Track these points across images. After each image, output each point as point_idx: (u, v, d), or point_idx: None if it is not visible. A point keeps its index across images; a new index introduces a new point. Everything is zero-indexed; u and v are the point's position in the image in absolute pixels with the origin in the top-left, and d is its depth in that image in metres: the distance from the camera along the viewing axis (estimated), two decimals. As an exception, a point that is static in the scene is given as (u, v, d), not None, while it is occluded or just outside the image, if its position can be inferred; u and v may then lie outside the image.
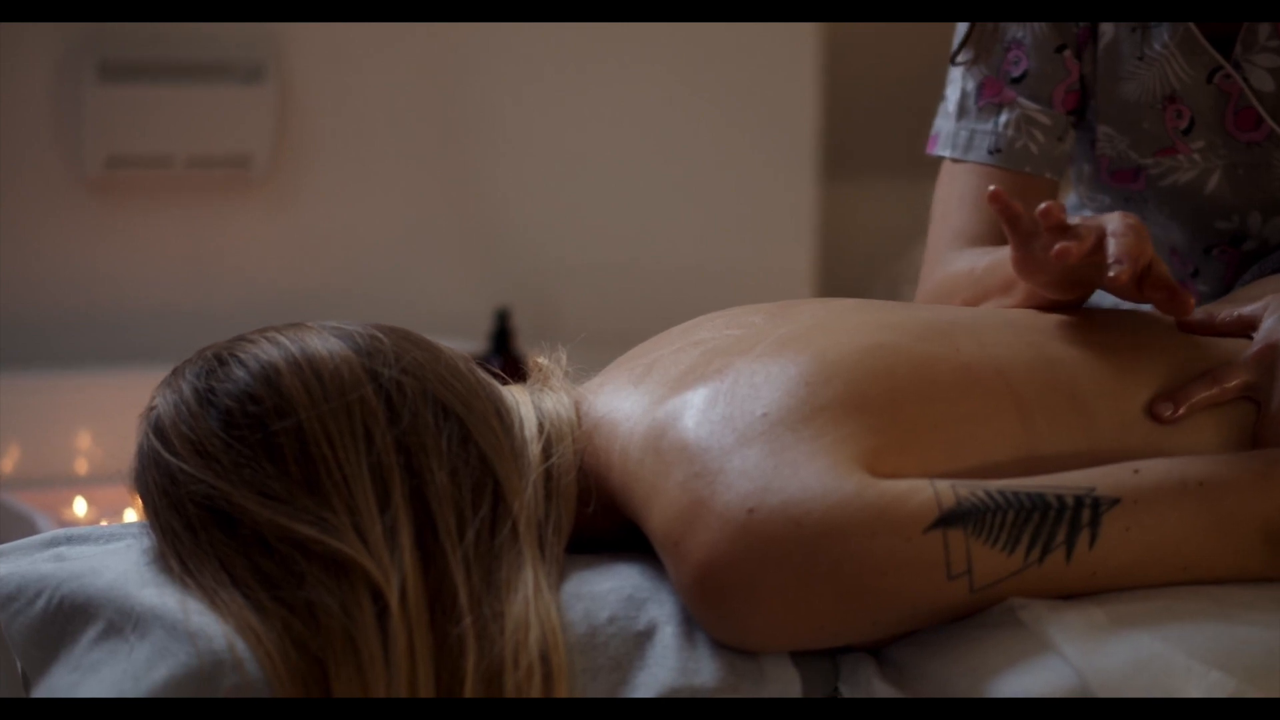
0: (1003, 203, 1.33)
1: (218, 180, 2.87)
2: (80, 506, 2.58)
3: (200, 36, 2.80)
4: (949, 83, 1.67)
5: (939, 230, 1.64)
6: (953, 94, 1.66)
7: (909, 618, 1.18)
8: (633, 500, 1.24)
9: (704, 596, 1.17)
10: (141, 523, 1.28)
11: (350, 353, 1.25)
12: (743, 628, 1.17)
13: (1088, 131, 1.67)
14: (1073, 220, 1.31)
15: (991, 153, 1.62)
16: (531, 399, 1.32)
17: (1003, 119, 1.63)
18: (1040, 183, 1.62)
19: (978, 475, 1.21)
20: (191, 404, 1.24)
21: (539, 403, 1.31)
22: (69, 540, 1.32)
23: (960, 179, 1.64)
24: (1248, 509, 1.22)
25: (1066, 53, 1.62)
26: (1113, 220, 1.31)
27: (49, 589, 1.23)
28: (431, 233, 3.01)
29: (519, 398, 1.31)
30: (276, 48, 2.85)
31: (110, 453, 2.69)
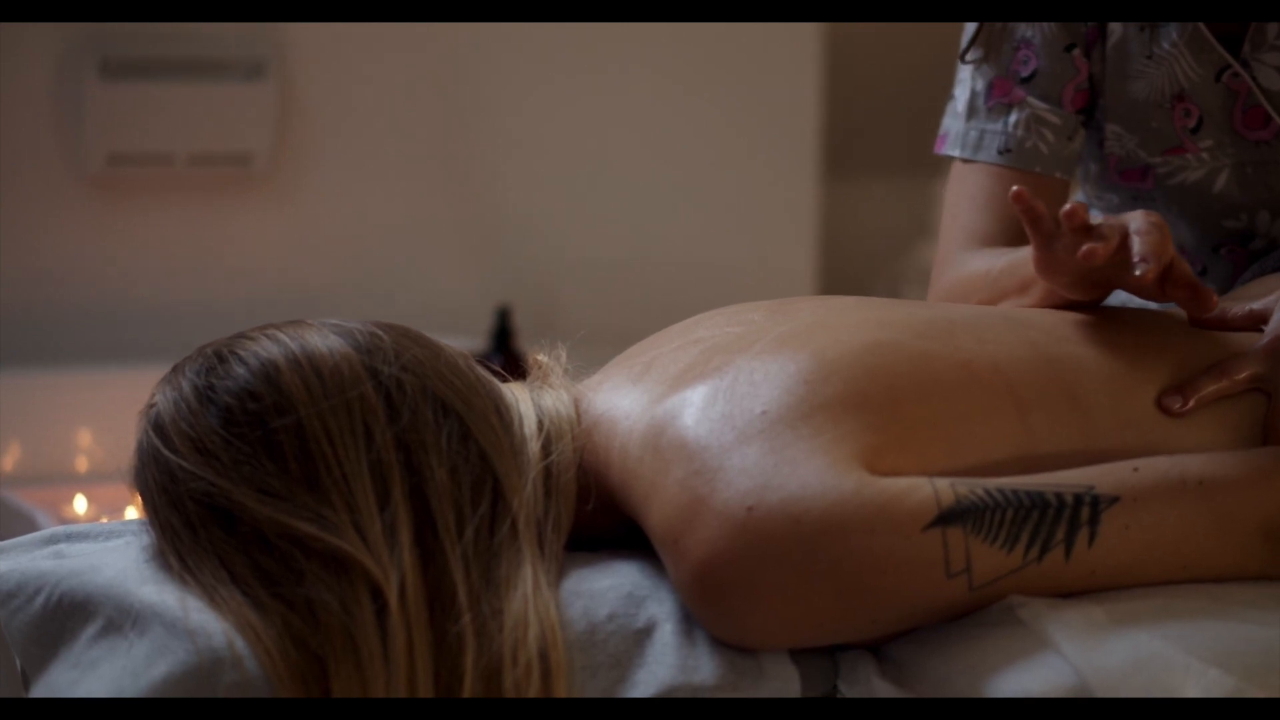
0: (1026, 203, 1.32)
1: (219, 178, 2.87)
2: (80, 504, 2.58)
3: (201, 34, 2.80)
4: (958, 82, 1.67)
5: (950, 231, 1.64)
6: (962, 94, 1.66)
7: (908, 616, 1.18)
8: (632, 498, 1.24)
9: (703, 594, 1.17)
10: (141, 520, 1.28)
11: (350, 350, 1.24)
12: (742, 625, 1.17)
13: (1096, 130, 1.67)
14: (1095, 220, 1.31)
15: (1001, 153, 1.62)
16: (531, 396, 1.31)
17: (1012, 119, 1.63)
18: (1051, 182, 1.62)
19: (977, 473, 1.21)
20: (191, 401, 1.24)
21: (538, 400, 1.31)
22: (68, 537, 1.32)
23: (970, 179, 1.64)
24: (1247, 507, 1.22)
25: (1075, 52, 1.62)
26: (1135, 219, 1.31)
27: (48, 586, 1.23)
28: (432, 230, 3.01)
29: (518, 395, 1.31)
30: (277, 45, 2.85)
31: (110, 450, 2.69)
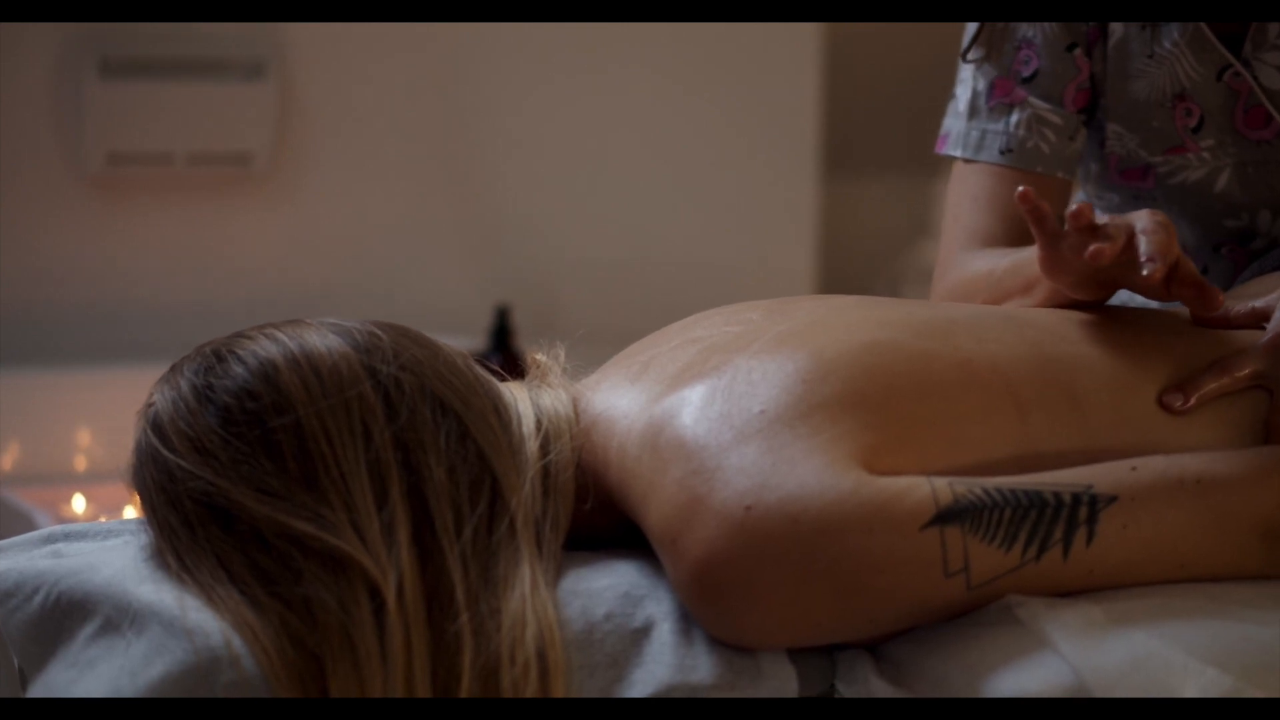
0: (1031, 203, 1.32)
1: (218, 177, 2.87)
2: (79, 503, 2.58)
3: (201, 34, 2.80)
4: (959, 82, 1.67)
5: (952, 231, 1.64)
6: (963, 93, 1.66)
7: (906, 615, 1.18)
8: (630, 497, 1.24)
9: (701, 593, 1.17)
10: (139, 519, 1.28)
11: (349, 349, 1.24)
12: (740, 625, 1.17)
13: (1097, 130, 1.67)
14: (1101, 220, 1.31)
15: (1003, 153, 1.62)
16: (529, 396, 1.31)
17: (1014, 119, 1.62)
18: (1052, 182, 1.62)
19: (975, 472, 1.21)
20: (190, 400, 1.24)
21: (537, 400, 1.31)
22: (66, 536, 1.32)
23: (972, 179, 1.64)
24: (1245, 506, 1.22)
25: (1077, 51, 1.62)
26: (1141, 218, 1.31)
27: (46, 585, 1.23)
28: (432, 230, 3.01)
29: (517, 394, 1.31)
30: (277, 45, 2.85)
31: (109, 450, 2.69)
